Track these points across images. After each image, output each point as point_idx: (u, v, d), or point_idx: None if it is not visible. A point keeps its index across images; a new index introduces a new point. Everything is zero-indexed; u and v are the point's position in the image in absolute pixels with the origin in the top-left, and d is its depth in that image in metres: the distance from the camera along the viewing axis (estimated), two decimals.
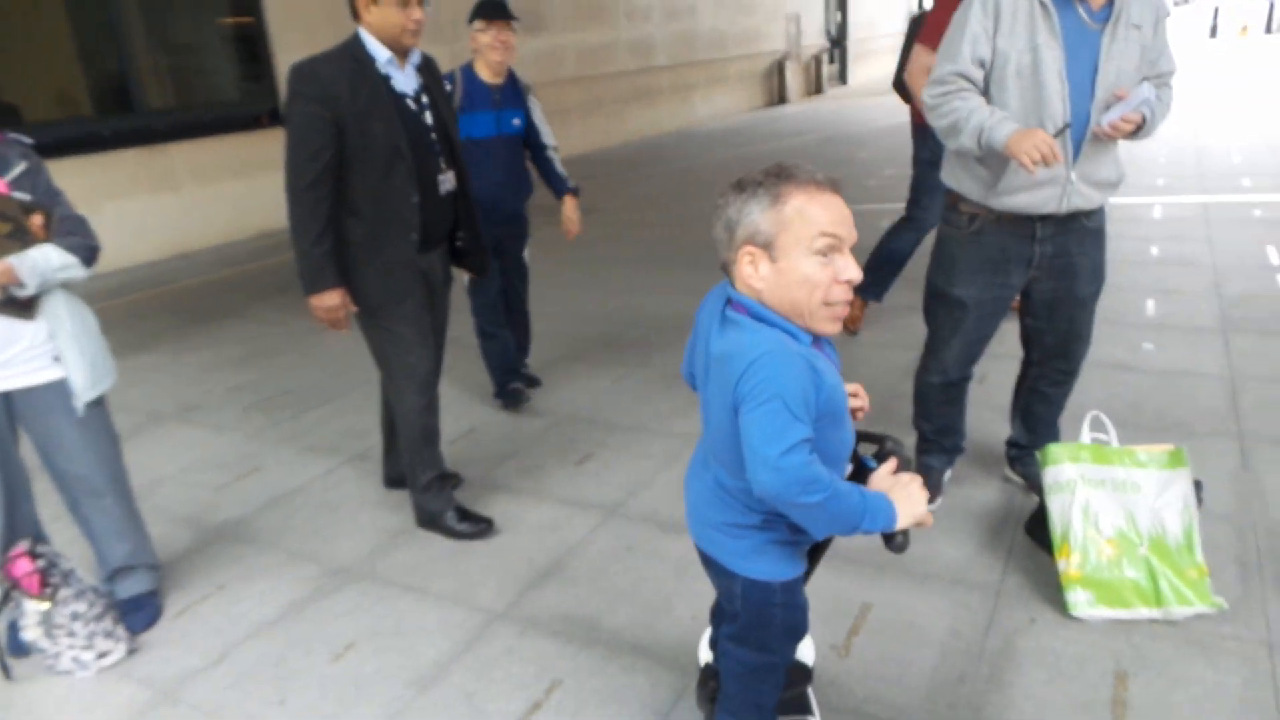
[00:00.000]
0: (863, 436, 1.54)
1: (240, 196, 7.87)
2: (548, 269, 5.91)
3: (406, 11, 2.40)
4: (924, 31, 3.63)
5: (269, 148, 7.82)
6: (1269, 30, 23.85)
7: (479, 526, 2.80)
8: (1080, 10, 2.20)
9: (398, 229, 2.54)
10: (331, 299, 2.49)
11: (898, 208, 4.39)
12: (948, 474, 2.85)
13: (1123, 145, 2.41)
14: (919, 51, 3.65)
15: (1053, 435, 2.75)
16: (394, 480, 3.10)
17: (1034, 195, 2.32)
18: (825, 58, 18.17)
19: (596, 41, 12.08)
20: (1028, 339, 2.66)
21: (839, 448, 1.46)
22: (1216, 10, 26.26)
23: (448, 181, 2.67)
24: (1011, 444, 2.85)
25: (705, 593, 2.41)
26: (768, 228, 1.33)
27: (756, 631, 1.58)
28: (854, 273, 1.36)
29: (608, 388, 3.95)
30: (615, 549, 2.69)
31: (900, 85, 4.07)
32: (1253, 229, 5.53)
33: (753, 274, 1.37)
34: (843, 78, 19.16)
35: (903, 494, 1.41)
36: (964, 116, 2.24)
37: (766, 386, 1.29)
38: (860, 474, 1.49)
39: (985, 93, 2.31)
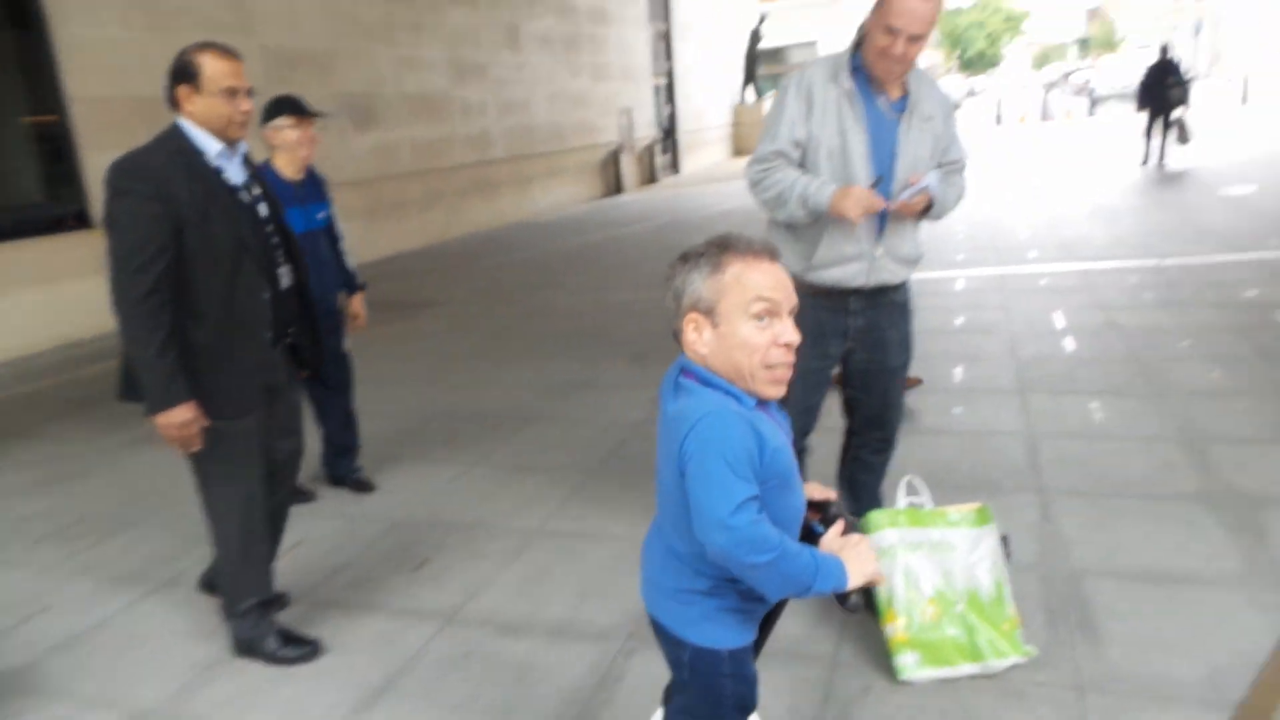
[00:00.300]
0: (807, 505, 1.58)
1: (40, 305, 7.27)
2: (386, 366, 5.76)
3: (234, 102, 2.33)
4: None
5: (75, 252, 7.31)
6: (1043, 118, 26.97)
7: (303, 650, 2.60)
8: (880, 102, 2.44)
9: (248, 329, 2.42)
10: (183, 414, 2.27)
11: None
12: None
13: (924, 224, 2.63)
14: None
15: (876, 502, 2.88)
16: (208, 584, 2.87)
17: (844, 270, 2.51)
18: (658, 148, 19.00)
19: (433, 135, 12.15)
20: (849, 409, 2.81)
21: (791, 513, 1.48)
22: (1000, 102, 29.58)
23: (287, 275, 2.56)
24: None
25: (544, 699, 2.33)
26: (709, 294, 1.40)
27: (705, 703, 1.57)
28: (791, 336, 1.42)
29: (446, 486, 3.83)
30: (453, 658, 2.57)
31: None
32: (1041, 297, 6.11)
33: (697, 339, 1.43)
34: (675, 167, 20.07)
35: (853, 554, 1.44)
36: (788, 185, 2.44)
37: (709, 447, 1.33)
38: (809, 539, 1.51)
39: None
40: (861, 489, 2.88)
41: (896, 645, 2.32)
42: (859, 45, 2.44)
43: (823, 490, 1.61)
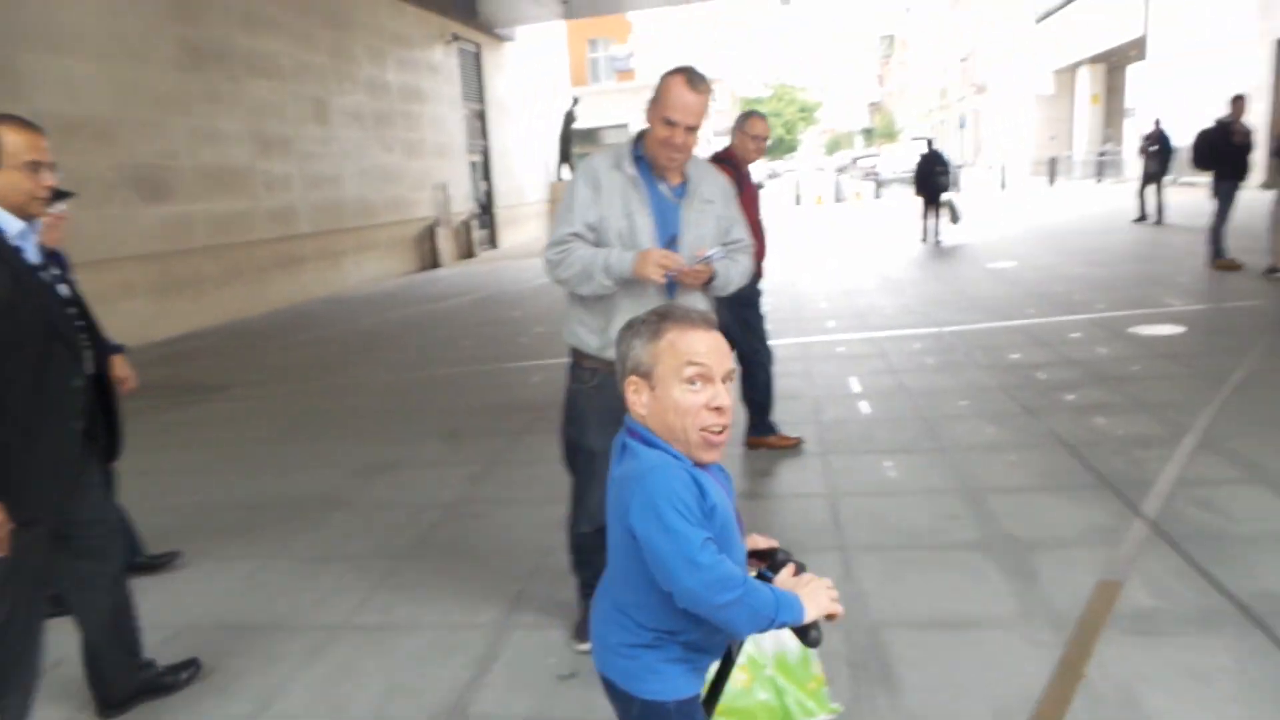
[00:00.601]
0: (752, 555, 1.64)
1: None
2: (175, 455, 5.30)
3: (37, 177, 2.17)
4: None
5: None
6: (836, 199, 29.30)
7: None
8: (662, 188, 2.61)
9: (58, 419, 2.23)
10: None
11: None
12: None
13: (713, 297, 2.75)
14: None
15: None
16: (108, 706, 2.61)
17: None
18: (475, 223, 18.99)
19: (232, 210, 11.55)
20: None
21: (735, 565, 1.49)
22: (798, 184, 31.92)
23: (89, 361, 2.38)
24: None
25: None
26: (647, 359, 1.48)
27: None
28: (723, 400, 1.46)
29: (241, 583, 3.53)
30: None
31: None
32: (839, 363, 6.52)
33: (637, 402, 1.50)
34: (493, 242, 20.11)
35: (807, 590, 1.50)
36: (590, 260, 2.54)
37: (658, 500, 1.39)
38: None
39: None
40: None
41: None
42: (639, 137, 2.64)
43: (766, 539, 1.67)
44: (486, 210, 20.13)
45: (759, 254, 4.47)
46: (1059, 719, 2.30)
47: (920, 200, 14.65)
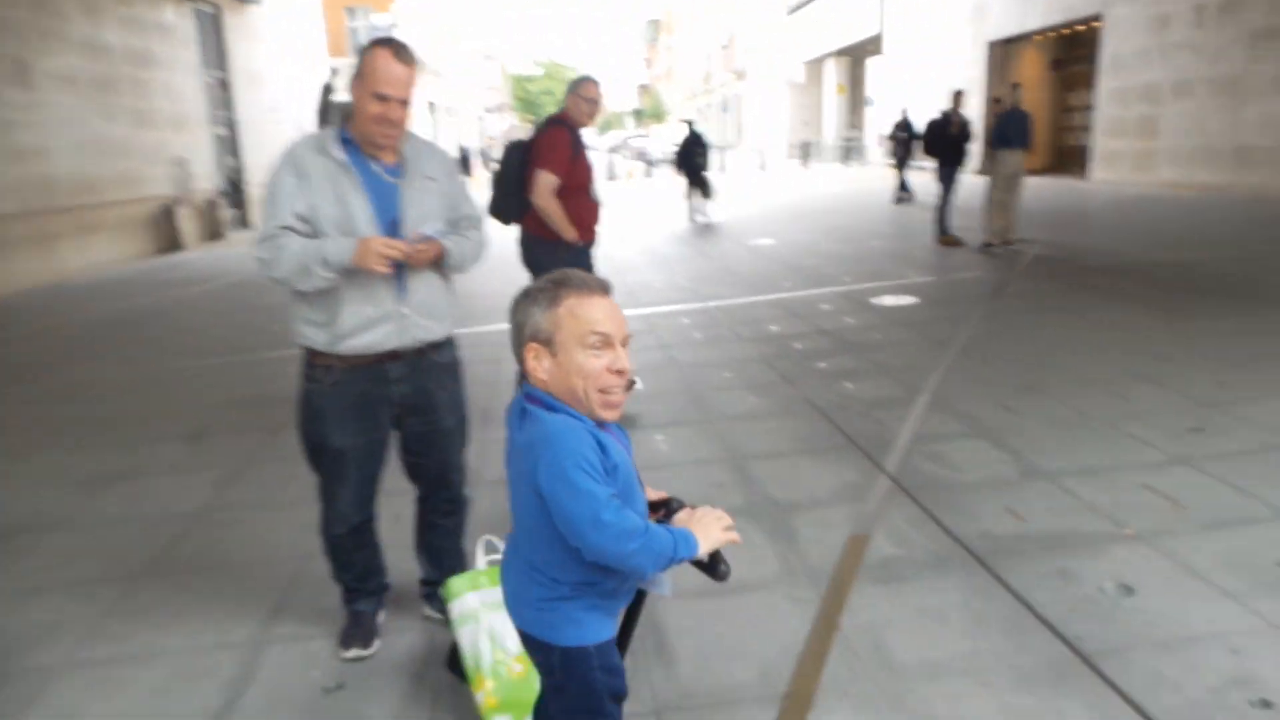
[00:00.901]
0: (652, 506, 1.73)
1: None
2: None
3: None
4: (536, 158, 4.26)
5: None
6: (610, 178, 29.71)
7: None
8: (375, 168, 2.43)
9: None
10: None
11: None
12: (381, 616, 2.79)
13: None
14: (540, 175, 4.25)
15: (460, 566, 2.81)
16: None
17: (374, 334, 2.44)
18: (223, 201, 17.42)
19: None
20: (412, 474, 2.75)
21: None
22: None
23: None
24: (423, 581, 2.86)
25: None
26: (547, 326, 1.54)
27: (582, 699, 1.66)
28: (624, 363, 1.55)
29: None
30: None
31: (500, 211, 4.46)
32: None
33: (537, 367, 1.56)
34: (244, 222, 18.56)
35: (699, 524, 1.60)
36: (303, 253, 2.33)
37: (564, 460, 1.46)
38: None
39: None
40: (441, 554, 2.83)
41: (488, 710, 2.25)
42: (343, 119, 2.47)
43: (655, 492, 1.75)
44: (236, 188, 18.52)
45: (591, 218, 4.57)
46: (818, 670, 2.44)
47: (684, 179, 15.26)
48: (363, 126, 2.38)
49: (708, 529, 1.61)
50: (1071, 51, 19.14)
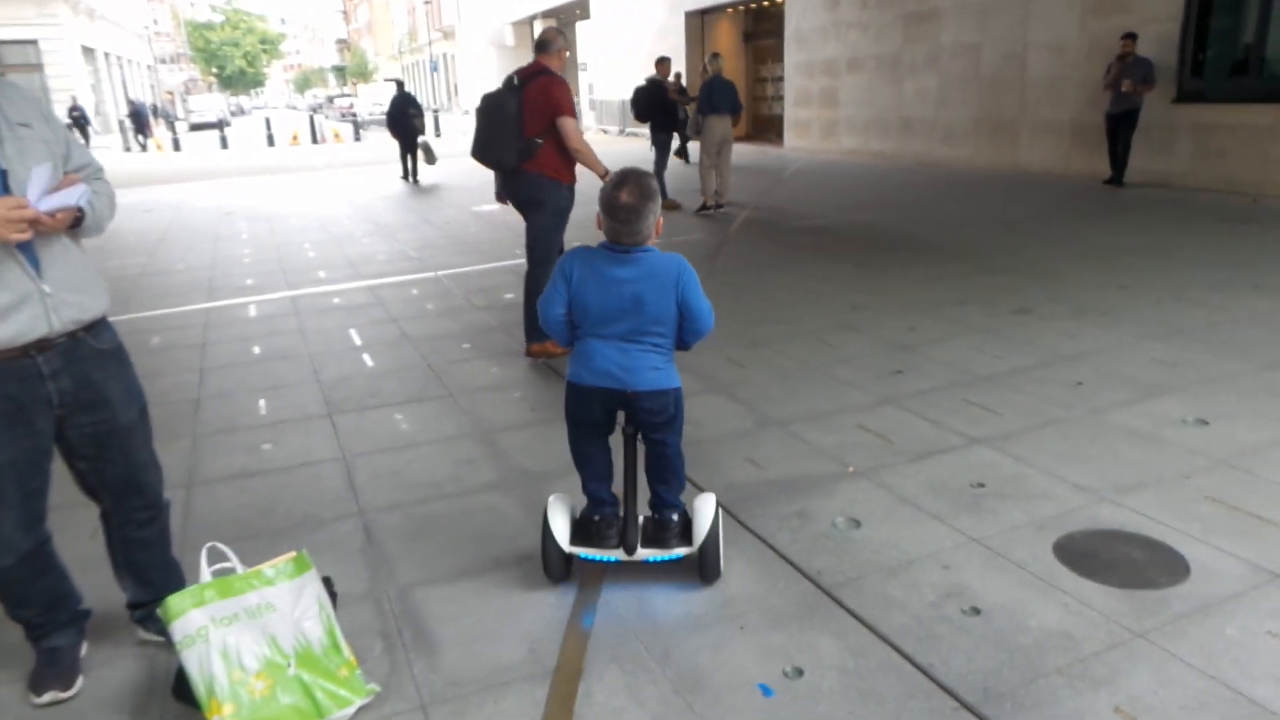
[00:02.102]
0: None
1: None
2: None
3: None
4: (555, 107, 4.61)
5: None
6: (314, 140, 27.72)
7: None
8: None
9: None
10: None
11: None
12: (83, 649, 2.39)
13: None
14: (569, 122, 4.65)
15: (175, 580, 2.46)
16: None
17: (16, 322, 1.99)
18: None
19: None
20: (88, 486, 2.33)
21: None
22: (268, 121, 29.44)
23: None
24: (132, 605, 2.47)
25: None
26: (658, 210, 2.51)
27: (679, 420, 2.64)
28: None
29: None
30: None
31: (499, 156, 4.73)
32: (336, 316, 6.15)
33: (660, 226, 2.52)
34: None
35: None
36: None
37: (693, 276, 2.52)
38: None
39: None
40: (149, 570, 2.45)
41: None
42: None
43: None
44: None
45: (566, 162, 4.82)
46: (585, 639, 2.42)
47: (397, 143, 14.67)
48: None
49: None
50: (760, 25, 20.59)
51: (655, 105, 10.92)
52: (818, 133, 16.94)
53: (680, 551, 2.63)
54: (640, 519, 2.69)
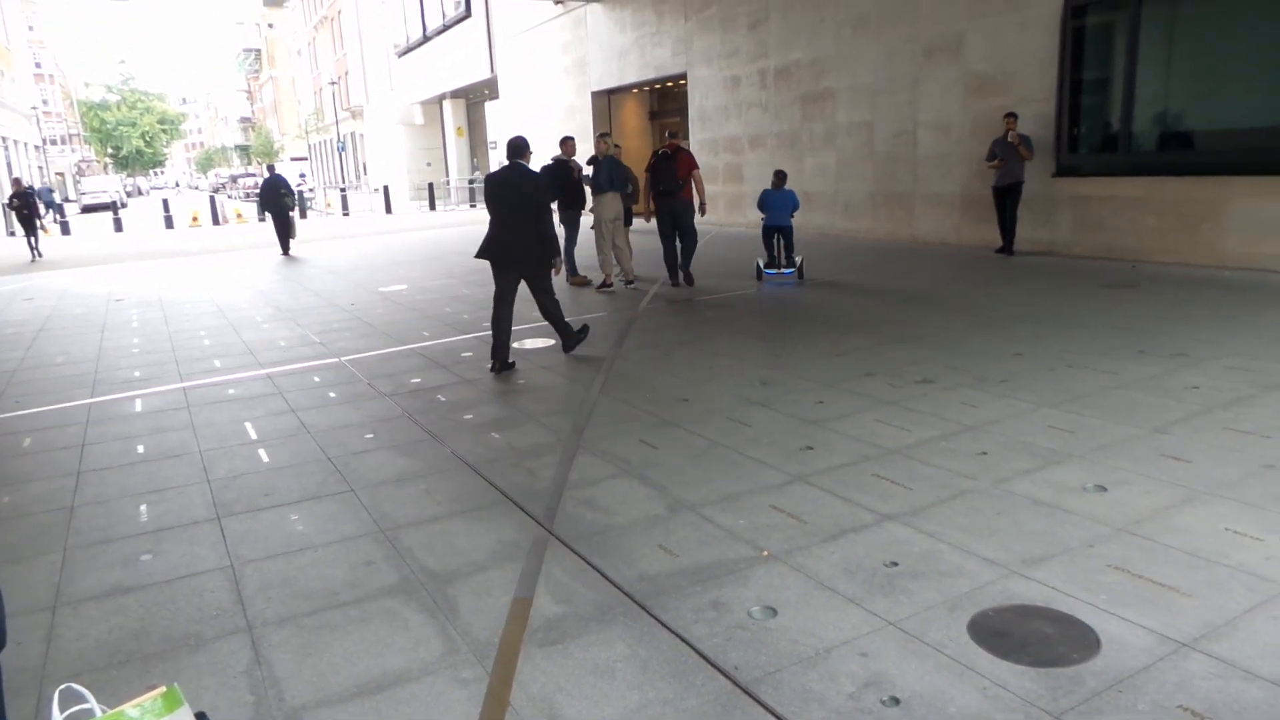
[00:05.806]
0: None
1: None
2: None
3: None
4: (686, 165, 9.89)
5: None
6: (216, 221, 27.02)
7: None
8: None
9: None
10: None
11: None
12: None
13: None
14: (697, 173, 10.09)
15: None
16: None
17: None
18: None
19: None
20: None
21: None
22: (166, 202, 28.57)
23: None
24: None
25: None
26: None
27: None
28: None
29: None
30: None
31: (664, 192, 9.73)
32: (231, 408, 5.86)
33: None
34: None
35: None
36: None
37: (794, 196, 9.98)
38: None
39: None
40: None
41: None
42: None
43: None
44: None
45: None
46: None
47: (269, 219, 17.04)
48: None
49: None
50: (665, 104, 21.21)
51: (562, 183, 11.02)
52: (724, 206, 17.37)
53: None
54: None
